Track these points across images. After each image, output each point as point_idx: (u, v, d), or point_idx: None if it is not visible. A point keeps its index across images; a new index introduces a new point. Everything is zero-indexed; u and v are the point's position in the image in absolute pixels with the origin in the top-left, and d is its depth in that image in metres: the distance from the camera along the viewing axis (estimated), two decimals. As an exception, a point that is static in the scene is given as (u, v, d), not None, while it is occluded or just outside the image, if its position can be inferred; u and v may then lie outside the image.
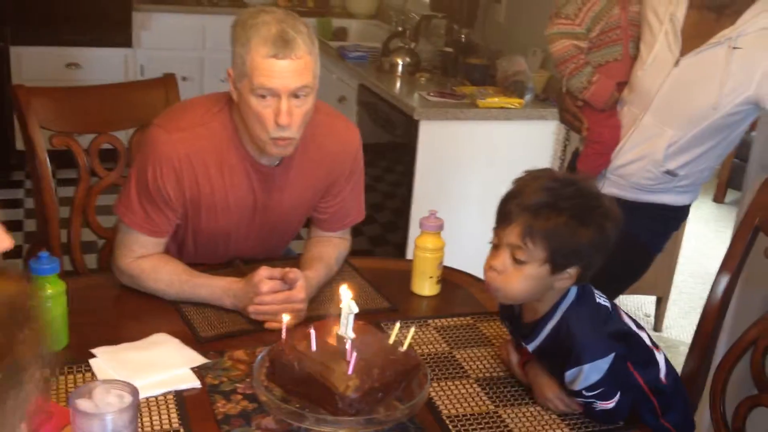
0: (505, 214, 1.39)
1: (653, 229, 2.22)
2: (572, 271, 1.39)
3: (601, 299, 1.49)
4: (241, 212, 1.84)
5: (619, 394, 1.42)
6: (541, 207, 1.35)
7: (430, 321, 1.76)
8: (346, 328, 1.35)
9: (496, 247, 1.42)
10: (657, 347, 1.54)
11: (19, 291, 0.72)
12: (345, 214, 1.96)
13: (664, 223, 2.24)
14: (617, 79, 2.22)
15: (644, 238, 2.19)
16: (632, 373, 1.47)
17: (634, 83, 2.18)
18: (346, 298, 1.33)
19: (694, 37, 2.05)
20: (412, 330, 1.42)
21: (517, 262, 1.38)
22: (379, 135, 3.39)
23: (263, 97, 1.64)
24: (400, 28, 3.86)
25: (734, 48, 1.98)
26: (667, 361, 1.54)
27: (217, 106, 1.77)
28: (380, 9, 4.86)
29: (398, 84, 3.39)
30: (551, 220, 1.34)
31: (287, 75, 1.62)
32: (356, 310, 1.33)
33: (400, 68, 3.51)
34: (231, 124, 1.75)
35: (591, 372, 1.39)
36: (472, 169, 3.11)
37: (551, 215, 1.34)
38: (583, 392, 1.41)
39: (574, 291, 1.45)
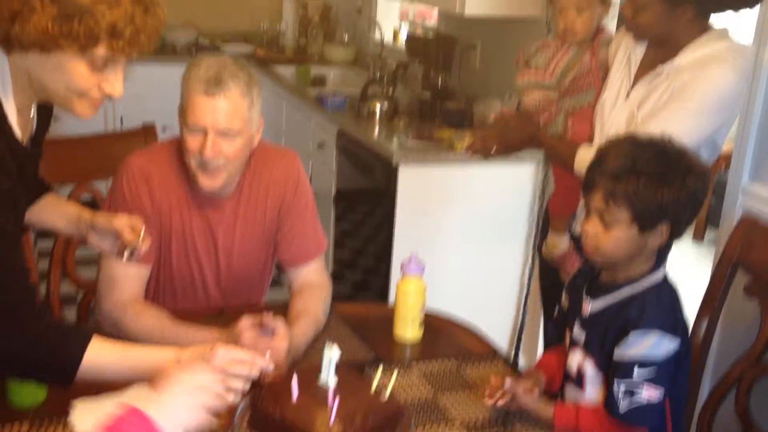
0: (589, 181, 1.49)
1: None
2: (663, 228, 1.46)
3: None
4: (205, 250, 1.92)
5: (665, 394, 1.43)
6: (620, 171, 1.43)
7: (413, 365, 1.75)
8: (327, 374, 1.35)
9: (587, 212, 1.50)
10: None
11: None
12: (306, 243, 1.98)
13: None
14: (592, 123, 2.24)
15: None
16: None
17: (594, 121, 2.20)
18: (328, 343, 1.33)
19: (645, 71, 2.07)
20: (395, 375, 1.42)
21: (605, 224, 1.46)
22: (358, 180, 3.40)
23: (195, 131, 1.75)
24: (377, 75, 3.90)
25: (666, 77, 1.99)
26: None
27: (179, 142, 1.87)
28: (358, 56, 4.92)
29: (377, 129, 3.42)
30: (630, 183, 1.42)
31: (215, 113, 1.73)
32: (338, 355, 1.33)
33: (378, 114, 3.54)
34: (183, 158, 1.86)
35: (658, 343, 1.42)
36: (452, 212, 3.13)
37: (630, 178, 1.42)
38: (636, 368, 1.42)
39: (663, 270, 1.52)
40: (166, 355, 1.42)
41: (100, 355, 1.38)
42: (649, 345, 1.42)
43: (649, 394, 1.43)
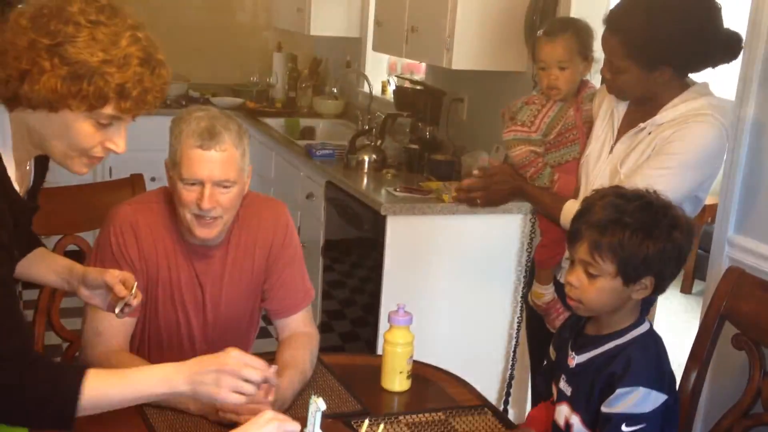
0: (575, 232, 1.48)
1: None
2: (647, 282, 1.45)
3: None
4: (192, 300, 1.90)
5: None
6: (606, 223, 1.43)
7: (401, 417, 1.73)
8: (313, 427, 1.33)
9: (572, 263, 1.49)
10: None
11: None
12: (293, 294, 1.98)
13: None
14: (578, 176, 2.25)
15: None
16: None
17: (579, 175, 2.22)
18: (314, 395, 1.31)
19: (628, 127, 2.09)
20: (381, 427, 1.40)
21: (590, 276, 1.45)
22: (347, 231, 3.40)
23: (191, 184, 1.76)
24: (366, 127, 3.94)
25: (648, 134, 2.01)
26: None
27: (166, 193, 1.89)
28: (346, 109, 4.96)
29: (365, 180, 3.43)
30: (616, 235, 1.42)
31: (211, 165, 1.75)
32: (324, 407, 1.31)
33: (366, 165, 3.56)
34: (173, 210, 1.86)
35: (645, 399, 1.40)
36: (440, 263, 3.12)
37: (616, 230, 1.42)
38: (623, 425, 1.40)
39: (647, 324, 1.50)
40: (168, 371, 1.40)
41: (100, 384, 1.34)
42: (636, 401, 1.41)
43: None
